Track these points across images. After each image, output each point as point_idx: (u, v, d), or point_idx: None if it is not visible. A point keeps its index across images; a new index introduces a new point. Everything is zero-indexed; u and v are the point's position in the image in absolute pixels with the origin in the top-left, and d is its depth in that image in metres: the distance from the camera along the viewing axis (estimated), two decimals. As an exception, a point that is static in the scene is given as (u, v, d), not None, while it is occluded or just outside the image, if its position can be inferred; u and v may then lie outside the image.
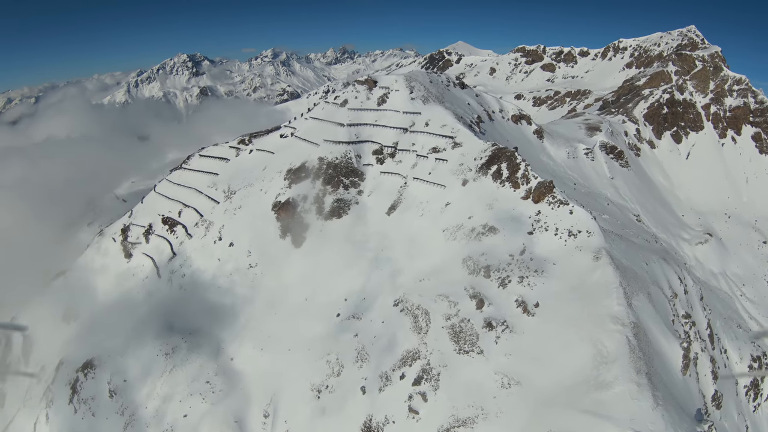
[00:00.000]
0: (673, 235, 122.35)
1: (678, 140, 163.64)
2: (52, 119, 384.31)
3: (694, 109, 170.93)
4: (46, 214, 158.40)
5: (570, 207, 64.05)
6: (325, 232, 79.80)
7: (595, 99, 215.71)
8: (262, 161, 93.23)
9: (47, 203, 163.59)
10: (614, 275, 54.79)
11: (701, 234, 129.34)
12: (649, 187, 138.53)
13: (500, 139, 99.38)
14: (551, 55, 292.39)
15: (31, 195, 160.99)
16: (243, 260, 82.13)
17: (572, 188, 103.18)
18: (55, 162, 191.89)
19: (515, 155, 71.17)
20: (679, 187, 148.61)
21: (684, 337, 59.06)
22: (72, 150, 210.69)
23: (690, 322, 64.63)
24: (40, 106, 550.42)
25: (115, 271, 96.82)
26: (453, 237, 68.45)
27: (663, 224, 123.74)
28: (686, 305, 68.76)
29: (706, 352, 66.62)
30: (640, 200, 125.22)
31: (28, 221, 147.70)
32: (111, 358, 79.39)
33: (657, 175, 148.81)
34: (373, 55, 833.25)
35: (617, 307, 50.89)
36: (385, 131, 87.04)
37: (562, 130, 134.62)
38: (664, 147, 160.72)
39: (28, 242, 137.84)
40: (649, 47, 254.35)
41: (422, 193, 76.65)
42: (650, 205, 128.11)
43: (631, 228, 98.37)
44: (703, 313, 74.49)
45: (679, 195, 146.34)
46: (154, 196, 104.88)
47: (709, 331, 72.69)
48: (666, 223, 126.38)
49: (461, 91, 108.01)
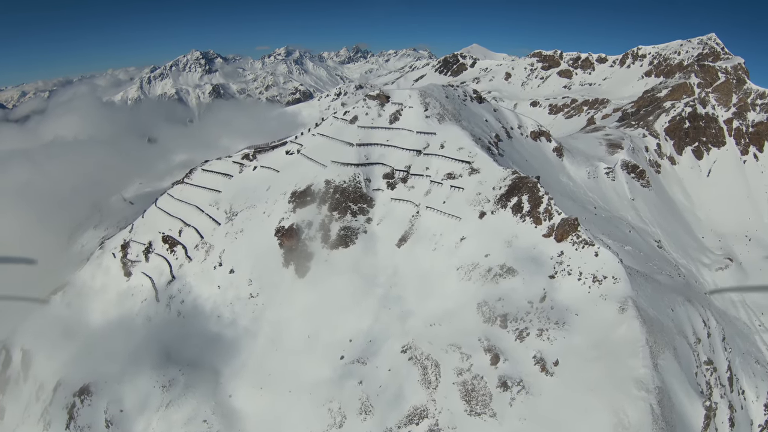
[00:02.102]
0: (693, 260, 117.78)
1: (699, 156, 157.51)
2: (62, 118, 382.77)
3: (716, 123, 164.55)
4: (49, 220, 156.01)
5: (595, 248, 58.52)
6: (330, 262, 74.83)
7: (614, 109, 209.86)
8: (266, 180, 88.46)
9: (51, 208, 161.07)
10: (640, 331, 50.25)
11: (721, 259, 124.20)
12: (670, 208, 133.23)
13: (519, 159, 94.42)
14: (568, 61, 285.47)
15: (35, 200, 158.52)
16: (244, 289, 77.54)
17: (593, 212, 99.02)
18: (60, 165, 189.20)
19: (537, 186, 65.69)
20: (699, 207, 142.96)
21: (706, 391, 56.25)
22: (78, 152, 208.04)
23: (712, 368, 62.20)
24: (50, 104, 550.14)
25: (115, 290, 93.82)
26: (468, 277, 63.25)
27: (683, 248, 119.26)
28: (708, 349, 65.22)
29: (725, 398, 62.95)
30: (661, 223, 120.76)
31: (30, 229, 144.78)
32: (108, 384, 77.17)
33: (677, 193, 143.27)
34: (387, 54, 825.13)
35: (642, 370, 46.77)
36: (397, 153, 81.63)
37: (582, 146, 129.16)
38: (685, 163, 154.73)
39: (29, 252, 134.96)
40: (669, 55, 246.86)
41: (435, 225, 71.24)
42: (671, 227, 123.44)
43: (654, 258, 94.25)
44: (724, 354, 70.62)
45: (700, 215, 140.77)
46: (154, 210, 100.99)
47: (729, 374, 68.71)
48: (686, 247, 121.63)
49: (479, 106, 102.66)
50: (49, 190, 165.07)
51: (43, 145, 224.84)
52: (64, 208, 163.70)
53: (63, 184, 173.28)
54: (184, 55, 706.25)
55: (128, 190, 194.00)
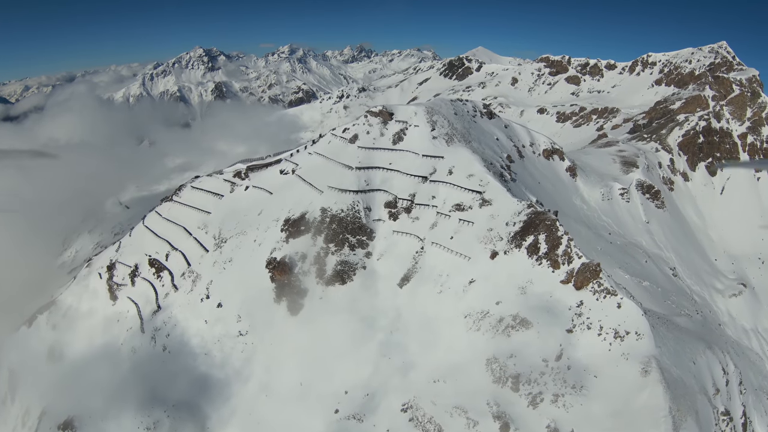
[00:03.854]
0: (707, 286, 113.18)
1: (713, 173, 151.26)
2: (58, 118, 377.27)
3: (731, 138, 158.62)
4: (38, 229, 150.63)
5: (618, 299, 52.60)
6: (326, 300, 68.50)
7: (624, 119, 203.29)
8: (258, 202, 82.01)
9: (41, 216, 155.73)
10: (664, 398, 45.87)
11: (735, 284, 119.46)
12: (683, 229, 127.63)
13: (532, 183, 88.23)
14: (576, 67, 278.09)
15: (22, 208, 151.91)
16: (232, 326, 71.39)
17: (608, 240, 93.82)
18: (50, 170, 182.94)
19: (556, 224, 59.20)
20: (712, 227, 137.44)
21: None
22: (69, 157, 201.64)
23: (728, 418, 58.50)
24: (48, 103, 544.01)
25: (102, 314, 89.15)
26: (476, 327, 57.00)
27: (697, 273, 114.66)
28: (726, 397, 61.62)
29: (739, 447, 58.65)
30: (675, 246, 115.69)
31: (19, 239, 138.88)
32: (92, 420, 72.89)
33: (690, 212, 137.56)
34: (390, 54, 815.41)
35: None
36: (401, 179, 74.96)
37: (595, 164, 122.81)
38: (698, 180, 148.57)
39: (14, 269, 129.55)
40: (680, 63, 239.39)
41: (442, 264, 64.68)
42: (684, 251, 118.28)
43: (671, 292, 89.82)
44: (740, 398, 66.90)
45: (713, 235, 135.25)
46: (142, 229, 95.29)
47: (744, 419, 65.23)
48: (700, 271, 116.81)
49: (489, 122, 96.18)
50: (38, 197, 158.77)
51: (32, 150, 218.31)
52: (55, 215, 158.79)
53: (53, 190, 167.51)
54: (187, 52, 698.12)
55: (124, 193, 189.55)
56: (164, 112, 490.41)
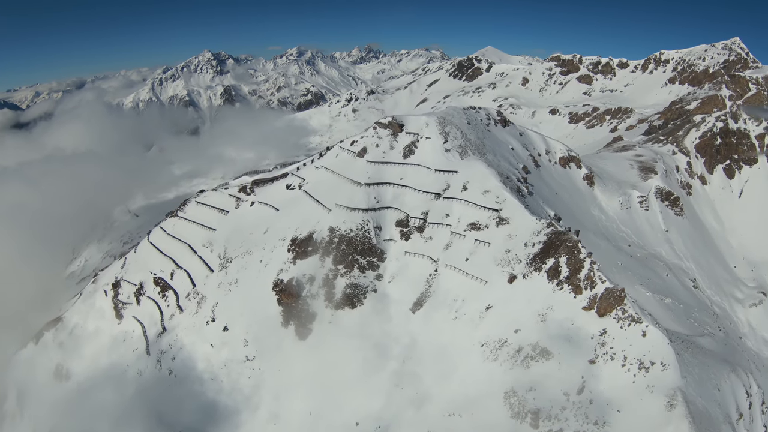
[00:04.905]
0: (727, 296, 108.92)
1: (731, 175, 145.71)
2: (66, 126, 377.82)
3: (748, 139, 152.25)
4: (44, 243, 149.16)
5: (643, 326, 49.18)
6: (335, 324, 65.47)
7: (639, 120, 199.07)
8: (264, 219, 79.21)
9: (47, 229, 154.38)
10: None
11: (755, 293, 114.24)
12: (703, 236, 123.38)
13: (549, 194, 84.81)
14: (588, 66, 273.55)
15: (28, 221, 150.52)
16: (239, 350, 68.59)
17: (628, 252, 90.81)
18: (57, 181, 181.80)
19: (578, 246, 55.75)
20: (731, 232, 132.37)
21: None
22: (75, 167, 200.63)
23: None
24: (57, 111, 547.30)
25: (108, 334, 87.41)
26: (494, 356, 53.75)
27: (717, 283, 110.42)
28: (748, 421, 57.57)
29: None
30: (695, 255, 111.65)
31: (24, 255, 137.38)
32: None
33: (709, 217, 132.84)
34: (399, 54, 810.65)
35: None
36: (412, 195, 71.70)
37: (612, 169, 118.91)
38: (716, 183, 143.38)
39: (22, 281, 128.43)
40: (694, 61, 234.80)
41: (457, 288, 61.37)
42: (704, 259, 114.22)
43: (693, 308, 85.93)
44: (761, 419, 62.58)
45: (731, 241, 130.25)
46: (147, 246, 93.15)
47: None
48: (720, 280, 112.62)
49: (503, 130, 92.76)
50: (43, 209, 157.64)
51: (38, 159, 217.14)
52: (63, 225, 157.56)
53: (60, 201, 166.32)
54: (196, 57, 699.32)
55: (133, 201, 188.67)
56: (173, 118, 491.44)
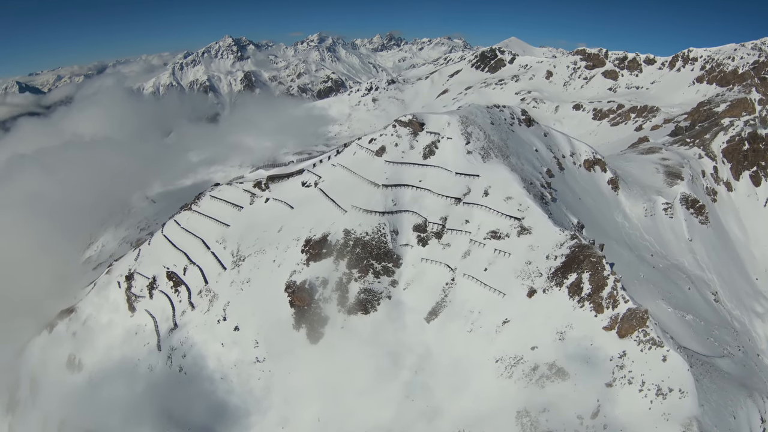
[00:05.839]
0: (747, 309, 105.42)
1: (757, 183, 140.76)
2: (85, 112, 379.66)
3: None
4: (61, 229, 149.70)
5: (664, 351, 47.09)
6: (347, 329, 63.98)
7: (665, 120, 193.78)
8: (278, 217, 77.76)
9: (65, 216, 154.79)
10: None
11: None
12: (726, 246, 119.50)
13: (572, 199, 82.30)
14: (614, 61, 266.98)
15: (45, 209, 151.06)
16: (249, 351, 67.57)
17: (650, 263, 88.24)
18: (74, 168, 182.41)
19: (602, 262, 53.27)
20: (754, 242, 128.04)
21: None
22: (93, 154, 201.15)
23: None
24: (77, 96, 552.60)
25: (121, 326, 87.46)
26: (508, 373, 51.92)
27: (738, 296, 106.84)
28: None
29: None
30: (717, 266, 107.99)
31: (41, 242, 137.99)
32: None
33: (733, 226, 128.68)
34: (420, 42, 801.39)
35: None
36: (431, 199, 69.47)
37: (637, 173, 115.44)
38: (742, 190, 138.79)
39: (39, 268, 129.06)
40: (723, 60, 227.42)
41: (474, 298, 59.32)
42: (726, 270, 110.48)
43: (714, 325, 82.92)
44: None
45: (755, 252, 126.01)
46: (161, 239, 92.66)
47: None
48: (740, 293, 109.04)
49: (527, 131, 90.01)
50: (60, 196, 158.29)
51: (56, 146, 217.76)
52: (80, 212, 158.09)
53: (76, 188, 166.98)
54: (217, 42, 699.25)
55: (151, 188, 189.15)
56: (193, 103, 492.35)
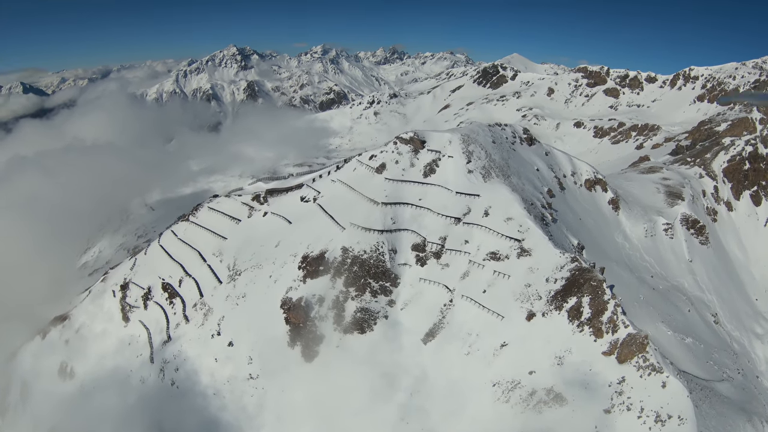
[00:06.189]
0: (747, 331, 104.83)
1: (757, 202, 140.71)
2: (87, 116, 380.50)
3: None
4: (59, 234, 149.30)
5: (664, 377, 46.39)
6: (343, 348, 63.01)
7: (665, 138, 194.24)
8: (276, 232, 77.14)
9: (63, 220, 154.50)
10: None
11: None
12: (726, 267, 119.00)
13: (573, 220, 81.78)
14: (615, 79, 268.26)
15: (44, 212, 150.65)
16: (243, 367, 66.55)
17: (650, 285, 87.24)
18: (74, 173, 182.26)
19: (602, 286, 52.70)
20: (754, 263, 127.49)
21: None
22: (94, 159, 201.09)
23: None
24: (80, 100, 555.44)
25: (115, 336, 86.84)
26: (505, 398, 51.04)
27: (738, 318, 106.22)
28: None
29: None
30: (717, 287, 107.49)
31: (37, 246, 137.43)
32: None
33: (733, 246, 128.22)
34: (423, 56, 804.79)
35: None
36: (431, 218, 68.87)
37: (638, 192, 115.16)
38: (742, 210, 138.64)
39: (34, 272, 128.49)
40: (724, 79, 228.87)
41: (472, 321, 58.52)
42: (726, 291, 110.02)
43: (714, 348, 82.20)
44: None
45: (754, 272, 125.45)
46: (157, 249, 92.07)
47: None
48: (740, 314, 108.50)
49: (529, 150, 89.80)
50: (59, 200, 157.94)
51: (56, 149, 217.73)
52: (79, 217, 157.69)
53: (75, 193, 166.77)
54: (221, 51, 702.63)
55: (151, 195, 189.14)
56: (195, 111, 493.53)
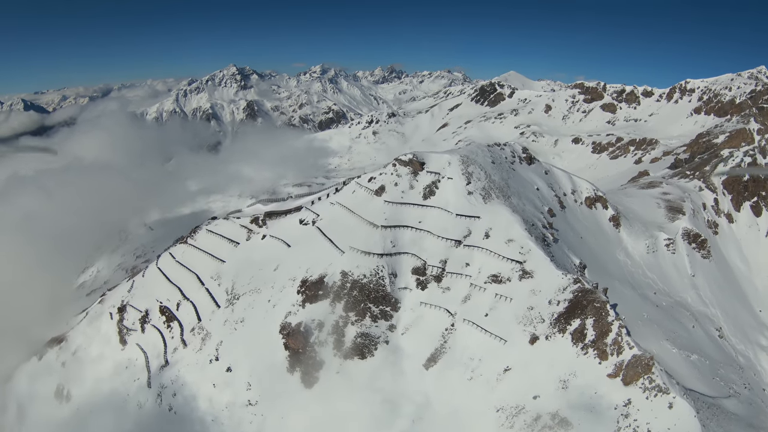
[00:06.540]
0: (752, 343, 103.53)
1: (758, 213, 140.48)
2: (87, 135, 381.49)
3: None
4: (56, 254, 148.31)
5: (670, 398, 45.30)
6: (343, 374, 62.04)
7: (664, 152, 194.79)
8: (274, 255, 76.44)
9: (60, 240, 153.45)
10: None
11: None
12: (729, 280, 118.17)
13: (574, 239, 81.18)
14: (612, 94, 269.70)
15: (40, 234, 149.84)
16: (241, 393, 65.43)
17: (653, 302, 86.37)
18: (72, 193, 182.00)
19: (606, 308, 51.92)
20: (757, 273, 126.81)
21: None
22: (93, 179, 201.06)
23: None
24: (80, 119, 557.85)
25: (111, 360, 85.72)
26: (509, 424, 50.00)
27: (743, 330, 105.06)
28: None
29: None
30: (721, 301, 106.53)
31: (36, 266, 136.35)
32: None
33: (735, 258, 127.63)
34: (421, 75, 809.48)
35: None
36: (431, 240, 68.24)
37: (638, 208, 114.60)
38: (743, 221, 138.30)
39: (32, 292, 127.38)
40: (720, 91, 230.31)
41: (474, 346, 57.61)
42: (730, 305, 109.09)
43: (719, 364, 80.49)
44: None
45: (757, 283, 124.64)
46: (155, 272, 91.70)
47: None
48: (745, 326, 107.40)
49: (528, 169, 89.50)
50: (57, 220, 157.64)
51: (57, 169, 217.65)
52: (76, 237, 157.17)
53: (73, 213, 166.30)
54: (221, 70, 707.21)
55: (149, 215, 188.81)
56: (195, 131, 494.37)
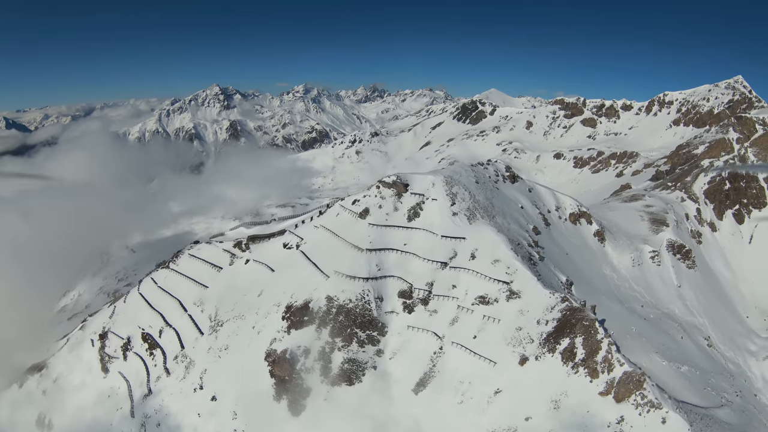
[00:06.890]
0: (740, 350, 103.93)
1: (740, 221, 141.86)
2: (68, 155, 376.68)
3: (757, 182, 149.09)
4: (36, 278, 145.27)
5: (663, 413, 44.88)
6: (330, 401, 60.72)
7: (645, 164, 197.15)
8: (258, 280, 75.36)
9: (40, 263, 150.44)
10: None
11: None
12: (714, 288, 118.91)
13: (559, 255, 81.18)
14: (592, 109, 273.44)
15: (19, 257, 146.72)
16: (227, 423, 63.81)
17: (641, 315, 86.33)
18: (53, 214, 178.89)
19: (595, 326, 51.58)
20: (742, 280, 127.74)
21: None
22: (74, 200, 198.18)
23: None
24: (61, 139, 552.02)
25: (93, 387, 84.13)
26: (503, 448, 48.96)
27: (731, 338, 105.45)
28: None
29: None
30: (708, 310, 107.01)
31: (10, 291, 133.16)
32: None
33: (720, 266, 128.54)
34: (403, 94, 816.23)
35: None
36: (417, 263, 67.65)
37: (622, 222, 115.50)
38: (726, 230, 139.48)
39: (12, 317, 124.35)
40: (698, 102, 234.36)
41: (463, 368, 56.82)
42: (717, 313, 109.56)
43: (710, 374, 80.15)
44: None
45: (743, 290, 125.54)
46: (136, 297, 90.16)
47: None
48: (733, 333, 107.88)
49: (512, 187, 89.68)
50: (38, 243, 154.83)
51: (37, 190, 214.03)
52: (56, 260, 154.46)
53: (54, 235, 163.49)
54: (204, 90, 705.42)
55: (131, 237, 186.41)
56: (177, 151, 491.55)
